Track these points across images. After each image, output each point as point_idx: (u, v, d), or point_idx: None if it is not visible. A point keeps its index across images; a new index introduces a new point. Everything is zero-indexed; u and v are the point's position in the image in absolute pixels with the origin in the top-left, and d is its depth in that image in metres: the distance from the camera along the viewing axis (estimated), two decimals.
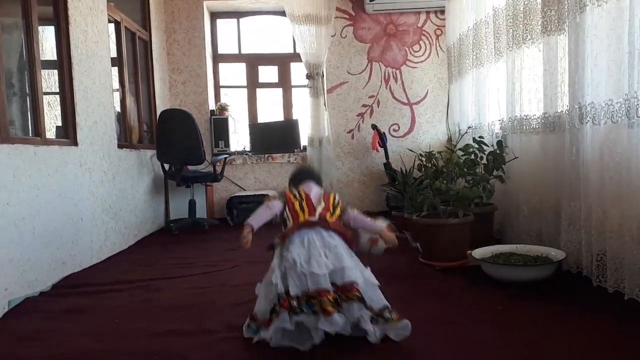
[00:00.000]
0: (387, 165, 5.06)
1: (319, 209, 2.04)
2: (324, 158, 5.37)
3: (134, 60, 4.56)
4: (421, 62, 5.52)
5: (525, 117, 3.18)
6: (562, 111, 2.77)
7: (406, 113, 5.56)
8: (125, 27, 4.29)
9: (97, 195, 3.43)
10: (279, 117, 5.87)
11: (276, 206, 2.09)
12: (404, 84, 5.52)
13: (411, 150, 3.98)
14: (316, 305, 1.78)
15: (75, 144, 3.19)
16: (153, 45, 4.94)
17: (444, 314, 2.18)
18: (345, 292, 1.82)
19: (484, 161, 3.40)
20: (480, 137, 3.55)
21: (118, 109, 4.16)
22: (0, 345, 2.03)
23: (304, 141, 5.61)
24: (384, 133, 5.18)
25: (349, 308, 1.80)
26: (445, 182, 3.17)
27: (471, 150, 3.47)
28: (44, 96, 2.99)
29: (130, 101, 4.39)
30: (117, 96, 4.12)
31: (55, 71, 3.19)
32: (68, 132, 3.17)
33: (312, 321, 1.78)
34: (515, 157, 3.22)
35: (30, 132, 2.89)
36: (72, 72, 3.19)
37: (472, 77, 4.14)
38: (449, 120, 5.46)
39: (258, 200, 4.96)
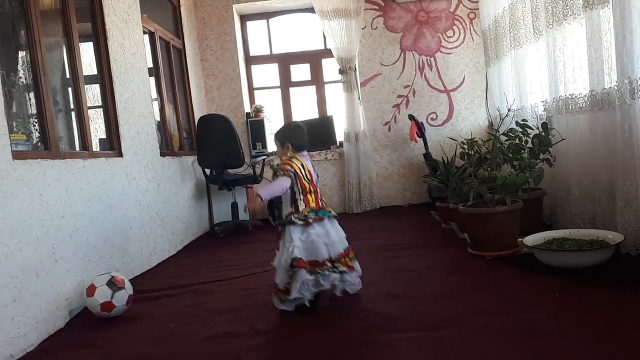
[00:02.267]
0: (427, 155, 4.98)
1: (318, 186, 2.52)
2: (362, 152, 5.33)
3: (170, 68, 4.65)
4: (456, 47, 5.40)
5: (570, 97, 3.05)
6: (610, 87, 2.64)
7: (443, 101, 5.44)
8: (159, 37, 4.38)
9: (144, 203, 3.52)
10: (314, 114, 5.87)
11: (287, 183, 2.35)
12: (440, 71, 5.41)
13: (452, 139, 3.89)
14: (341, 265, 2.30)
15: (120, 155, 3.29)
16: (187, 53, 5.03)
17: (499, 304, 2.13)
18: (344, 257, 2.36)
19: (529, 145, 3.29)
20: (523, 120, 3.44)
21: (158, 118, 4.25)
22: (64, 354, 2.11)
23: (339, 137, 5.59)
24: (421, 123, 5.10)
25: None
26: (490, 169, 3.09)
27: (515, 134, 3.37)
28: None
29: (169, 109, 4.48)
30: (155, 105, 4.21)
31: (93, 85, 3.28)
32: (113, 144, 3.27)
33: (326, 278, 2.26)
34: (563, 139, 3.10)
35: (78, 146, 2.98)
36: (113, 85, 3.29)
37: (511, 58, 4.01)
38: (488, 105, 5.33)
39: None
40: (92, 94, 3.34)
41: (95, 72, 3.30)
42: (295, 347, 1.92)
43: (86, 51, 3.28)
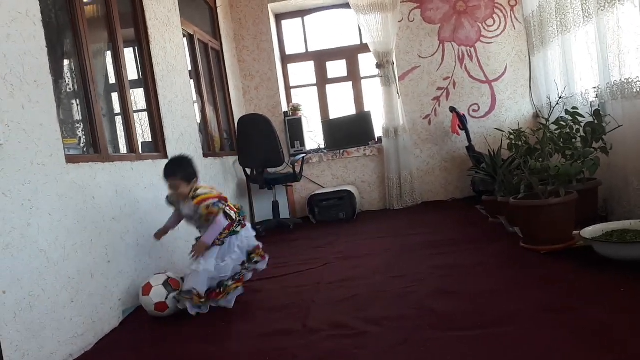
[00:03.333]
0: (470, 148, 4.86)
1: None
2: (401, 147, 5.25)
3: (209, 70, 4.70)
4: (496, 36, 5.24)
5: (626, 81, 2.90)
6: None
7: (485, 91, 5.30)
8: (198, 39, 4.43)
9: None
10: (351, 110, 5.82)
11: (223, 220, 2.55)
12: (480, 61, 5.27)
13: (498, 130, 3.77)
14: (256, 256, 2.75)
15: (166, 156, 3.33)
16: (225, 54, 5.08)
17: (559, 299, 2.03)
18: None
19: (581, 133, 3.15)
20: (573, 108, 3.29)
21: (199, 119, 4.30)
22: (119, 355, 2.15)
23: (378, 132, 5.53)
24: (463, 115, 4.98)
25: None
26: (541, 159, 2.97)
27: (565, 123, 3.23)
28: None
29: (209, 111, 4.53)
30: (196, 107, 4.26)
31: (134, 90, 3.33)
32: (158, 146, 3.32)
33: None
34: (619, 126, 2.95)
35: (123, 149, 3.04)
36: (157, 88, 3.34)
37: (558, 44, 3.86)
38: (532, 94, 5.15)
39: (338, 197, 5.02)
40: (134, 98, 3.40)
41: (135, 77, 3.35)
42: (349, 345, 1.88)
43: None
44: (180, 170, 2.53)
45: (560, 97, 3.33)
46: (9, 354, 1.80)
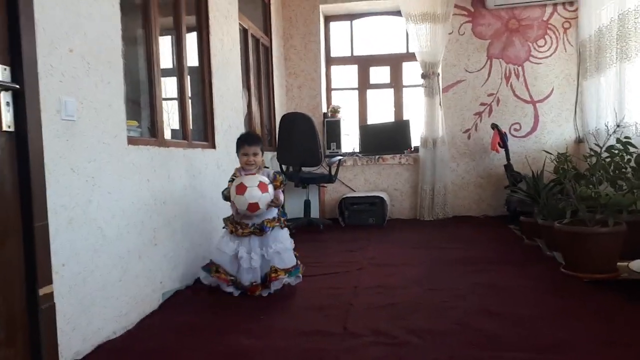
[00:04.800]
0: (509, 166, 4.81)
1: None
2: (438, 159, 5.23)
3: (257, 65, 4.75)
4: (546, 57, 5.18)
5: None
6: None
7: (529, 112, 5.24)
8: (251, 34, 4.48)
9: None
10: (389, 117, 5.81)
11: None
12: (527, 81, 5.22)
13: (545, 151, 3.73)
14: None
15: (214, 146, 3.38)
16: (273, 51, 5.12)
17: (614, 333, 1.98)
18: None
19: (632, 164, 3.09)
20: (626, 137, 3.24)
21: (244, 112, 4.34)
22: (161, 337, 2.18)
23: (414, 142, 5.51)
24: (505, 133, 4.94)
25: None
26: (591, 186, 2.93)
27: (617, 152, 3.17)
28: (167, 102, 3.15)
29: (255, 105, 4.57)
30: (244, 100, 4.30)
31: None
32: (207, 136, 3.37)
33: None
34: None
35: (180, 135, 3.09)
36: (212, 78, 3.39)
37: (615, 72, 3.79)
38: (577, 120, 5.07)
39: (369, 202, 5.03)
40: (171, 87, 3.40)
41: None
42: (392, 354, 1.88)
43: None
44: (260, 142, 2.84)
45: (618, 126, 3.27)
46: (61, 326, 1.85)
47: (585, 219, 2.85)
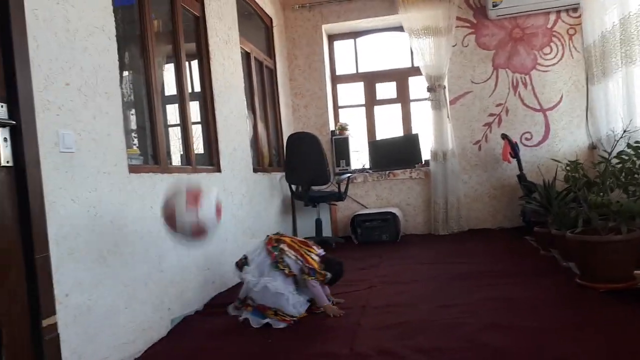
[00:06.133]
0: (522, 176, 4.74)
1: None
2: (449, 172, 5.18)
3: (262, 87, 4.80)
4: (553, 64, 5.13)
5: None
6: None
7: (539, 120, 5.17)
8: (254, 57, 4.54)
9: (238, 217, 3.61)
10: (398, 132, 5.80)
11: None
12: (535, 90, 5.16)
13: (555, 160, 3.66)
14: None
15: (219, 170, 3.41)
16: (277, 72, 5.17)
17: (630, 345, 1.91)
18: None
19: None
20: (636, 142, 3.16)
21: (250, 135, 4.38)
22: None
23: (425, 155, 5.47)
24: (515, 143, 4.87)
25: None
26: (602, 194, 2.86)
27: (627, 157, 3.10)
28: (170, 128, 3.19)
29: (260, 127, 4.61)
30: (249, 123, 4.34)
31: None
32: (212, 159, 3.40)
33: None
34: None
35: (183, 161, 3.12)
36: (214, 103, 3.43)
37: (621, 76, 3.73)
38: (589, 126, 4.99)
39: (382, 218, 4.99)
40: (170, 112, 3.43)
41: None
42: None
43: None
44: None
45: (625, 131, 3.21)
46: (67, 355, 1.86)
47: (598, 228, 2.77)
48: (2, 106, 1.65)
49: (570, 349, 1.91)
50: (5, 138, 1.67)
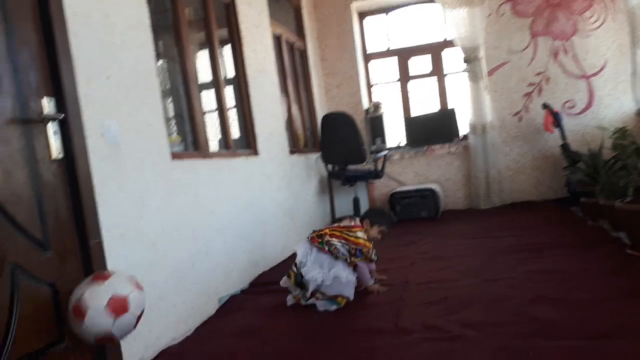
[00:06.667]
0: (565, 146, 4.59)
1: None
2: (489, 145, 5.07)
3: (294, 69, 4.80)
4: (594, 29, 4.90)
5: None
6: None
7: (582, 87, 4.97)
8: (285, 39, 4.54)
9: (277, 200, 3.67)
10: (434, 107, 5.70)
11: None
12: (577, 56, 4.95)
13: (603, 128, 3.52)
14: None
15: (256, 153, 3.45)
16: (309, 53, 5.15)
17: None
18: None
19: None
20: None
21: (285, 117, 4.41)
22: (218, 341, 2.25)
23: (462, 130, 5.37)
24: (557, 112, 4.71)
25: None
26: None
27: None
28: (206, 114, 3.21)
29: (294, 109, 4.63)
30: (282, 105, 4.36)
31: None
32: (250, 143, 3.45)
33: None
34: None
35: (221, 146, 3.18)
36: (249, 88, 3.46)
37: None
38: (635, 91, 4.76)
39: (420, 195, 4.95)
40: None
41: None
42: (445, 349, 1.84)
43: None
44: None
45: None
46: None
47: None
48: (50, 100, 1.72)
49: (620, 319, 1.86)
50: (55, 131, 1.74)
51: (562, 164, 4.69)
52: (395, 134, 5.84)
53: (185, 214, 2.47)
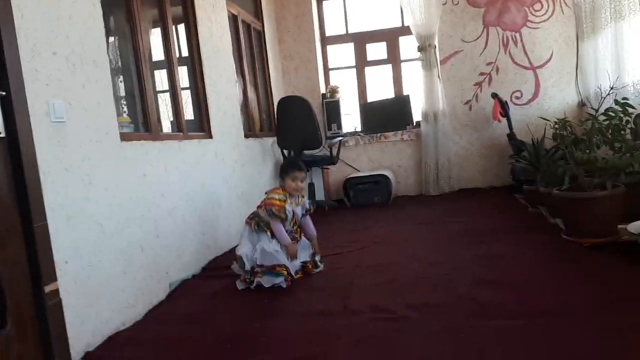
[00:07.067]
0: (511, 135, 4.78)
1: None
2: (440, 132, 5.20)
3: (251, 51, 4.74)
4: (543, 21, 5.08)
5: None
6: None
7: (529, 78, 5.17)
8: (242, 20, 4.46)
9: (231, 183, 3.65)
10: (389, 93, 5.78)
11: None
12: (525, 47, 5.14)
13: (543, 118, 3.69)
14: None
15: (210, 136, 3.41)
16: (266, 35, 5.10)
17: (611, 296, 1.99)
18: None
19: (631, 125, 3.06)
20: (623, 98, 3.19)
21: (240, 99, 4.36)
22: (169, 326, 2.24)
23: (416, 117, 5.48)
24: (505, 102, 4.89)
25: None
26: (587, 151, 2.91)
27: (614, 114, 3.14)
28: (159, 94, 3.15)
29: (250, 91, 4.58)
30: (238, 87, 4.31)
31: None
32: (203, 126, 3.40)
33: None
34: None
35: (174, 128, 3.12)
36: (203, 68, 3.40)
37: (611, 32, 3.73)
38: (578, 83, 5.00)
39: (374, 181, 5.04)
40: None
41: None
42: (390, 328, 1.92)
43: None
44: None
45: (612, 88, 3.23)
46: (70, 320, 1.92)
47: (584, 184, 2.84)
48: None
49: (555, 301, 2.00)
50: None
51: (508, 153, 4.89)
52: (350, 120, 5.90)
53: (134, 195, 2.43)
